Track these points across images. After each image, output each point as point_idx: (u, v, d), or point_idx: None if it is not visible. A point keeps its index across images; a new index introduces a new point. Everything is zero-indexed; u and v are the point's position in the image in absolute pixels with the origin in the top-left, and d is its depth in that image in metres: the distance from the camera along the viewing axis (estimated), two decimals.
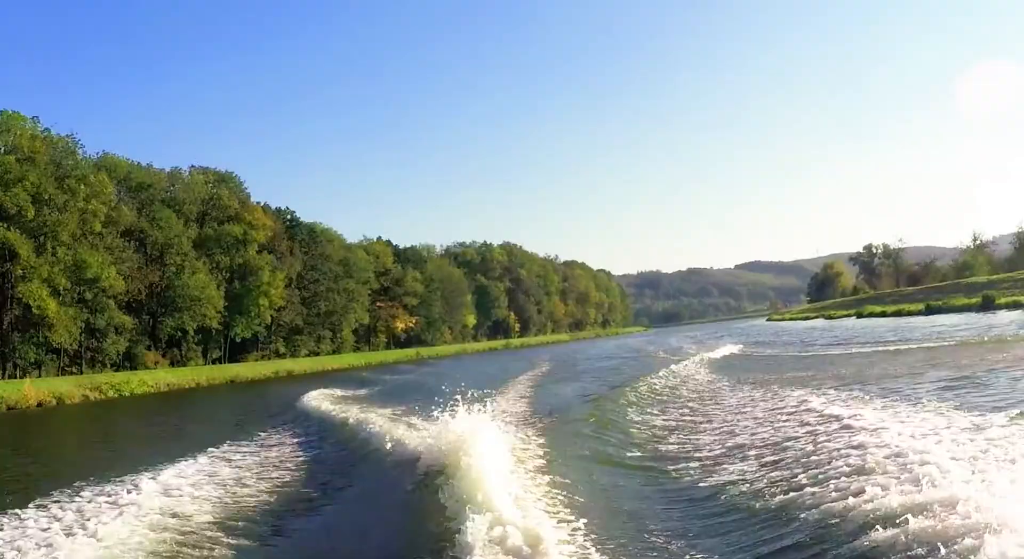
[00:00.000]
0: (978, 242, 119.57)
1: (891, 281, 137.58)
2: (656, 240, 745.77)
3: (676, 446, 14.33)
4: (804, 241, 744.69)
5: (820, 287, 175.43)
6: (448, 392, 13.87)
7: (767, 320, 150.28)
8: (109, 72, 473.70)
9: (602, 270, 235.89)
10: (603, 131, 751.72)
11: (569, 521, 8.58)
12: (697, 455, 13.14)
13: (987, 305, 68.48)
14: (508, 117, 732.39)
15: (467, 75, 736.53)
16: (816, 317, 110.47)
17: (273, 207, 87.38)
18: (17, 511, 11.62)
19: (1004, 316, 54.66)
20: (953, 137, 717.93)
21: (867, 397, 16.24)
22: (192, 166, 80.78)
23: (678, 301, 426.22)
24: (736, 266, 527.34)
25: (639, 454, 13.90)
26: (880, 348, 35.04)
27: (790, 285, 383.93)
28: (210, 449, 18.04)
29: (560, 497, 9.83)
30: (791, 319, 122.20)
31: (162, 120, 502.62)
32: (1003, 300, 68.99)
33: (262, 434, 21.61)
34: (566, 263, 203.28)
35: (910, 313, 77.88)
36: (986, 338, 33.97)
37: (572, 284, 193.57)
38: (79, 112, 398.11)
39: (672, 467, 12.36)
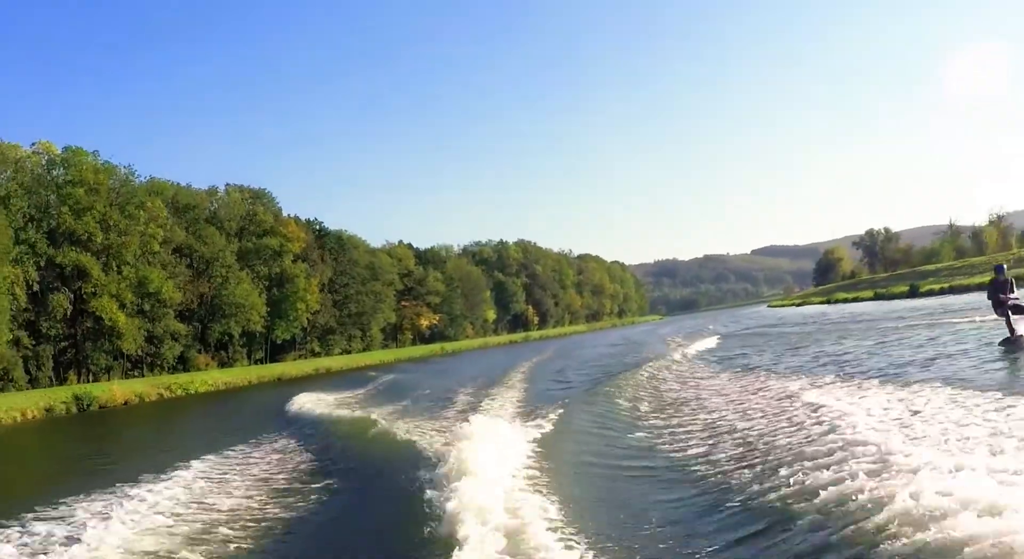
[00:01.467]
0: (953, 228, 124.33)
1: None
2: (670, 229, 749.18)
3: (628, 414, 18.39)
4: (819, 223, 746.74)
5: (823, 272, 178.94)
6: (455, 385, 16.64)
7: (768, 306, 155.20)
8: (110, 72, 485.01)
9: (616, 262, 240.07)
10: (603, 131, 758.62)
11: (564, 513, 8.81)
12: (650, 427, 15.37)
13: (913, 292, 73.29)
14: (508, 117, 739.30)
15: (467, 74, 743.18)
16: (802, 304, 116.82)
17: (303, 218, 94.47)
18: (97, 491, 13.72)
19: (906, 302, 62.49)
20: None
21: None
22: (228, 184, 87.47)
23: (695, 288, 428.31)
24: (752, 251, 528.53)
25: (615, 430, 15.58)
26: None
27: (806, 268, 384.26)
28: (239, 445, 19.49)
29: (554, 491, 10.06)
30: (786, 306, 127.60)
31: (162, 120, 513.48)
32: (925, 288, 73.63)
33: (284, 431, 22.71)
34: (580, 257, 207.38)
35: (863, 299, 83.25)
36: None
37: (587, 277, 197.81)
38: (79, 113, 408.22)
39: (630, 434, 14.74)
